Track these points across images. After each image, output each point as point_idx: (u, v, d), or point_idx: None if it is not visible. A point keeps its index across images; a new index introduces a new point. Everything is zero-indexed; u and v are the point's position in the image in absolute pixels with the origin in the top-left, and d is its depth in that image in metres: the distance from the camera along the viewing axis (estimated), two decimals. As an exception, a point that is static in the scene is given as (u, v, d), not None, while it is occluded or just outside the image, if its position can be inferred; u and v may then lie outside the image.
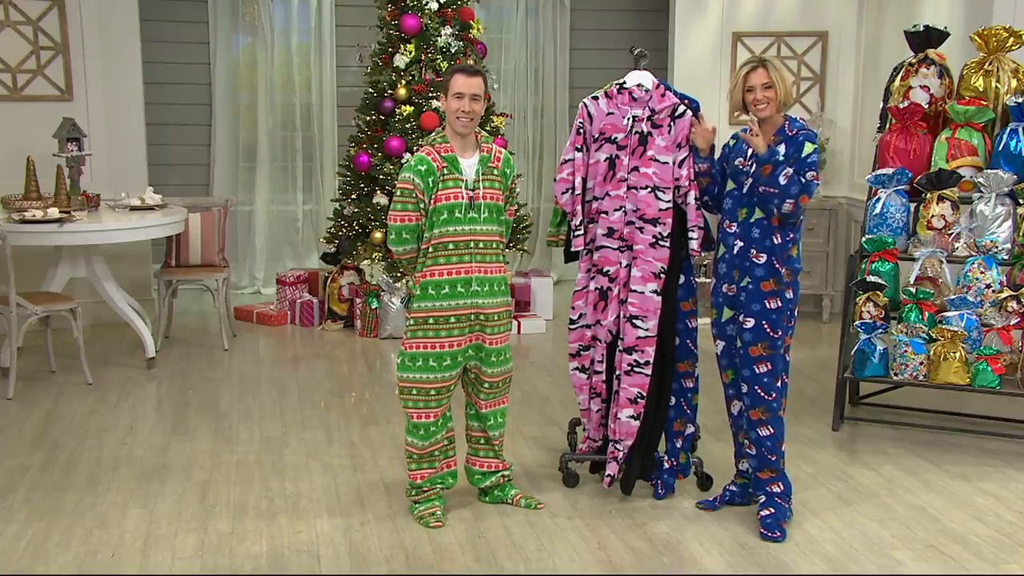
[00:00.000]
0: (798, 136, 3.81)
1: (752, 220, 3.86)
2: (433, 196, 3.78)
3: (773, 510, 3.89)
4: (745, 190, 3.87)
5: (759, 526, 3.87)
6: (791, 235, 3.86)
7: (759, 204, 3.83)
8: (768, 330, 3.84)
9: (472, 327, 3.86)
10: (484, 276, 3.85)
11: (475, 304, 3.83)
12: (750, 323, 3.86)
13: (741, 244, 3.89)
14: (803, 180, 3.73)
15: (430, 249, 3.81)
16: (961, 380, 4.76)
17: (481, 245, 3.84)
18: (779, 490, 3.94)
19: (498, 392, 4.03)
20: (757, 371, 3.86)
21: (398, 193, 3.84)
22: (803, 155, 3.77)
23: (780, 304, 3.85)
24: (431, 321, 3.81)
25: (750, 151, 3.86)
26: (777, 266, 3.84)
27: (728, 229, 3.93)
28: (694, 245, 4.06)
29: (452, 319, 3.82)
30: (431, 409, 3.87)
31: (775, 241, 3.84)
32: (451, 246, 3.80)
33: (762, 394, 3.86)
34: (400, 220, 3.83)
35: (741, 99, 3.86)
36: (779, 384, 3.90)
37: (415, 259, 3.87)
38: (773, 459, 3.91)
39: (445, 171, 3.79)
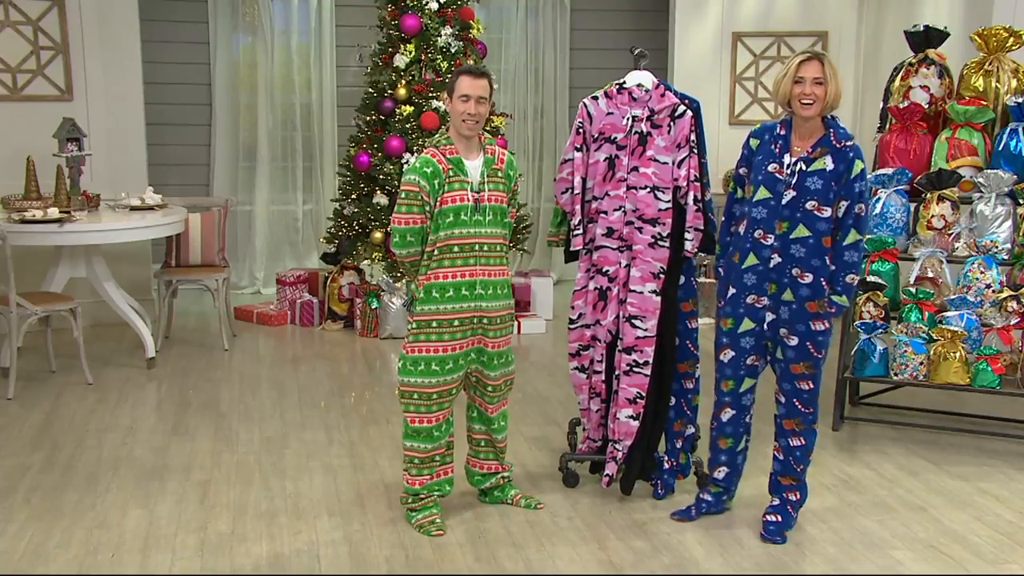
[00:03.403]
0: (847, 150, 3.59)
1: (793, 236, 3.63)
2: (439, 199, 3.74)
3: (780, 517, 3.86)
4: (785, 202, 3.63)
5: (761, 529, 3.86)
6: None
7: (804, 221, 3.62)
8: (812, 350, 3.71)
9: (474, 330, 3.84)
10: (488, 279, 3.82)
11: (478, 307, 3.81)
12: (794, 341, 3.71)
13: (779, 259, 3.67)
14: (858, 225, 3.61)
15: (435, 252, 3.76)
16: (961, 380, 4.76)
17: (486, 248, 3.81)
18: (795, 498, 3.91)
19: (501, 395, 4.02)
20: (798, 387, 3.76)
21: (403, 195, 3.77)
22: (852, 176, 3.58)
23: (827, 325, 3.70)
24: (434, 324, 3.78)
25: (787, 157, 3.64)
26: (825, 286, 3.66)
27: (763, 241, 3.67)
28: (688, 247, 4.05)
29: (456, 322, 3.80)
30: (432, 414, 3.83)
31: (826, 262, 3.65)
32: (456, 249, 3.76)
33: (800, 407, 3.78)
34: (404, 223, 3.76)
35: (789, 90, 3.59)
36: (817, 401, 3.81)
37: (418, 262, 3.84)
38: (799, 469, 3.87)
39: (451, 173, 3.75)
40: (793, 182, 3.63)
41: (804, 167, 3.62)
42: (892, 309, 5.03)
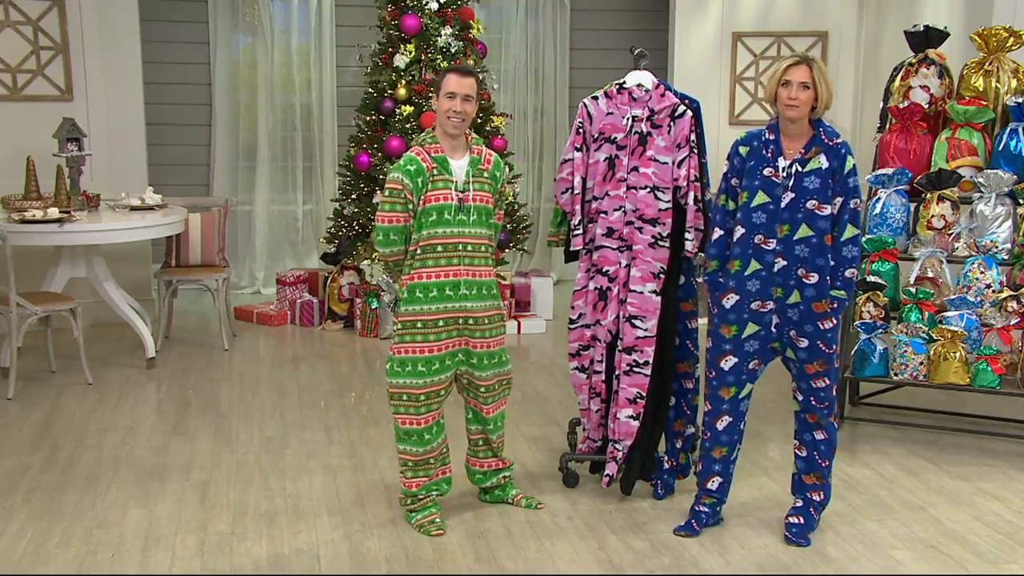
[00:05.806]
0: (839, 147, 3.64)
1: (797, 238, 3.64)
2: (422, 197, 3.73)
3: (803, 519, 3.85)
4: (784, 204, 3.64)
5: (784, 531, 3.84)
6: None
7: (806, 221, 3.62)
8: (823, 347, 3.70)
9: (460, 331, 3.83)
10: (472, 279, 3.80)
11: (463, 308, 3.80)
12: (804, 343, 3.71)
13: (784, 263, 3.65)
14: (854, 220, 3.64)
15: (418, 251, 3.75)
16: (961, 380, 4.76)
17: (470, 248, 3.79)
18: (819, 499, 3.89)
19: (497, 395, 4.00)
20: (815, 385, 3.75)
21: (386, 193, 3.77)
22: (846, 172, 3.62)
23: (835, 322, 3.70)
24: (419, 325, 3.77)
25: (782, 161, 3.65)
26: (828, 284, 3.67)
27: (764, 246, 3.67)
28: (689, 247, 4.05)
29: (440, 322, 3.78)
30: (421, 415, 3.82)
31: (830, 260, 3.65)
32: (439, 248, 3.75)
33: (816, 404, 3.77)
34: (388, 221, 3.77)
35: (774, 91, 3.62)
36: (834, 394, 3.80)
37: (402, 261, 3.83)
38: (825, 465, 3.84)
39: (435, 172, 3.74)
40: (790, 184, 3.64)
41: (800, 168, 3.64)
42: (892, 309, 5.03)
